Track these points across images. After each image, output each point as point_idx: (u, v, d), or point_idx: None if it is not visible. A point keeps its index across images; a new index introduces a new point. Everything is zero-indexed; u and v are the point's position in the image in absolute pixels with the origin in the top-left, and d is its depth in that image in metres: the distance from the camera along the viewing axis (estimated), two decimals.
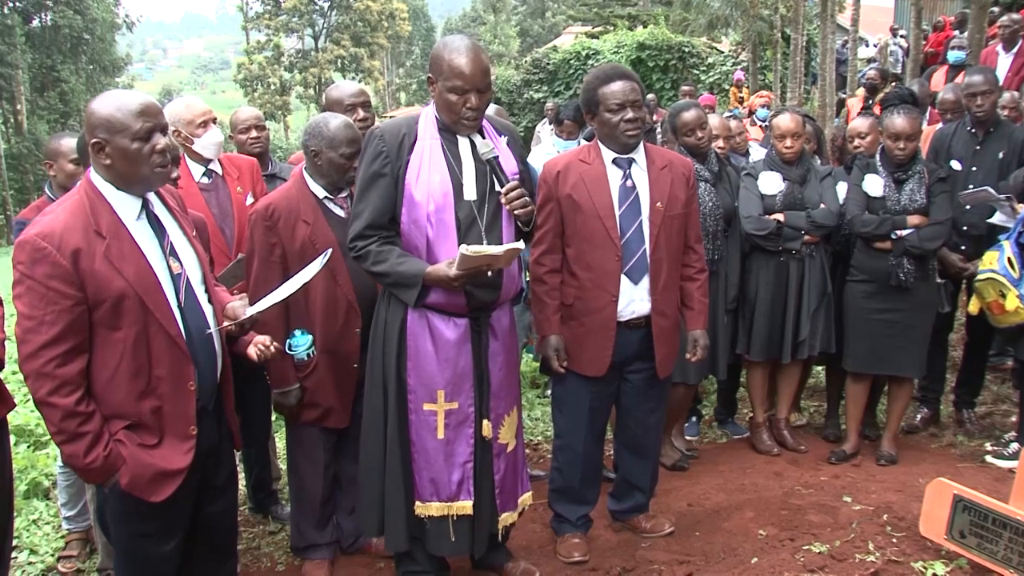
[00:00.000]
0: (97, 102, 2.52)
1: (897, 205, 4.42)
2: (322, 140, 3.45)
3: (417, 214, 3.06)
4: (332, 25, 53.92)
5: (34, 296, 2.39)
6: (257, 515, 4.29)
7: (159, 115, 2.56)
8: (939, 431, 5.18)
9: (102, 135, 2.46)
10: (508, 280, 3.21)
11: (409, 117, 3.21)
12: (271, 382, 3.58)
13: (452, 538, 3.22)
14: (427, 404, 3.16)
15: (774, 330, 4.76)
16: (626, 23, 27.91)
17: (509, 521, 3.39)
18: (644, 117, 3.50)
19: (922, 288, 4.48)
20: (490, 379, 3.24)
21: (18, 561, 3.91)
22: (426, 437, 3.18)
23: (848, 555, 3.44)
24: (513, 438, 3.37)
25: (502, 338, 3.29)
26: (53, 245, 2.39)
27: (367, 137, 3.21)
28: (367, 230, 3.10)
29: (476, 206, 3.11)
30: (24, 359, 2.42)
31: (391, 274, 3.08)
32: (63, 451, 2.53)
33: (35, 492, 4.67)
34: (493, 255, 2.91)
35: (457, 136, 3.13)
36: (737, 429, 5.34)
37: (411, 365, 3.16)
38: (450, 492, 3.19)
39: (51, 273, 2.38)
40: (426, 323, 3.14)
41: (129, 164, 2.49)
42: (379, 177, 3.09)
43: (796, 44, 16.29)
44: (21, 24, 38.40)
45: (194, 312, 2.64)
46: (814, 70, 17.80)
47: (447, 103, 3.04)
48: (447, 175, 3.07)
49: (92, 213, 2.47)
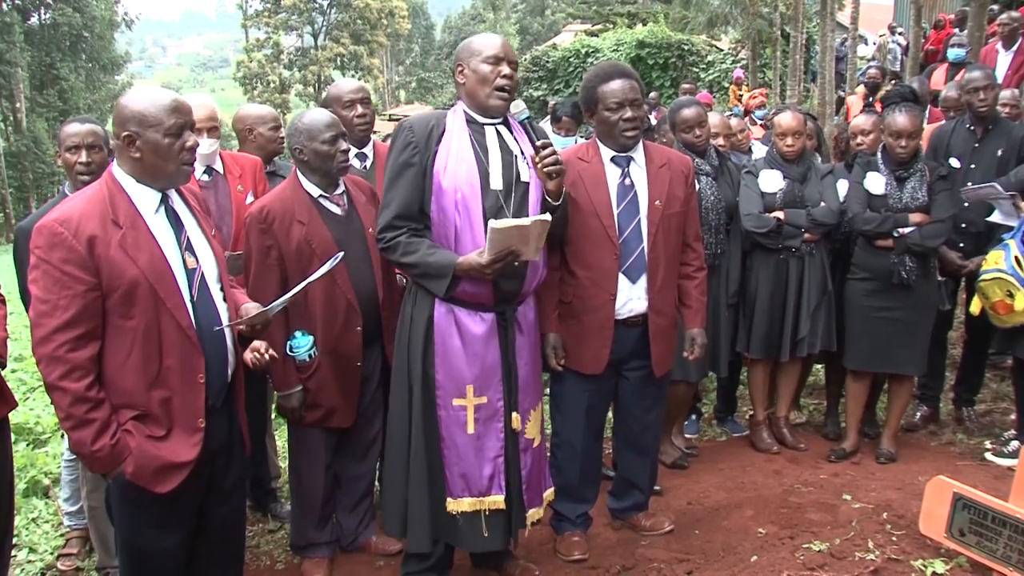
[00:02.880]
0: (129, 97, 2.58)
1: (899, 203, 4.41)
2: (301, 135, 3.45)
3: (445, 203, 3.07)
4: (331, 23, 53.90)
5: (49, 280, 2.43)
6: (256, 513, 4.28)
7: (190, 113, 2.62)
8: (938, 429, 5.18)
9: (133, 128, 2.51)
10: (532, 271, 3.21)
11: (439, 111, 3.24)
12: (274, 385, 3.57)
13: (485, 533, 3.21)
14: (456, 399, 3.16)
15: (774, 328, 4.76)
16: (626, 21, 27.92)
17: (536, 517, 3.39)
18: (643, 116, 3.50)
19: (923, 286, 4.48)
20: (517, 373, 3.25)
21: (17, 559, 3.91)
22: (456, 432, 3.17)
23: (848, 553, 3.44)
24: (538, 433, 3.39)
25: (528, 333, 3.30)
26: (70, 231, 2.43)
27: (396, 129, 3.23)
28: (396, 220, 3.10)
29: (502, 195, 3.11)
30: (37, 343, 2.46)
31: (420, 264, 3.07)
32: (71, 437, 2.55)
33: (34, 490, 4.67)
34: (522, 227, 2.91)
35: (484, 128, 3.15)
36: (737, 427, 5.33)
37: (439, 361, 3.16)
38: (481, 487, 3.18)
39: (66, 258, 2.42)
40: (453, 318, 3.14)
41: (159, 158, 2.54)
42: (408, 167, 3.09)
43: (796, 42, 16.28)
44: (20, 22, 38.41)
45: (207, 307, 2.65)
46: (814, 68, 17.78)
47: (480, 75, 3.09)
48: (474, 164, 3.08)
49: (111, 203, 2.52)
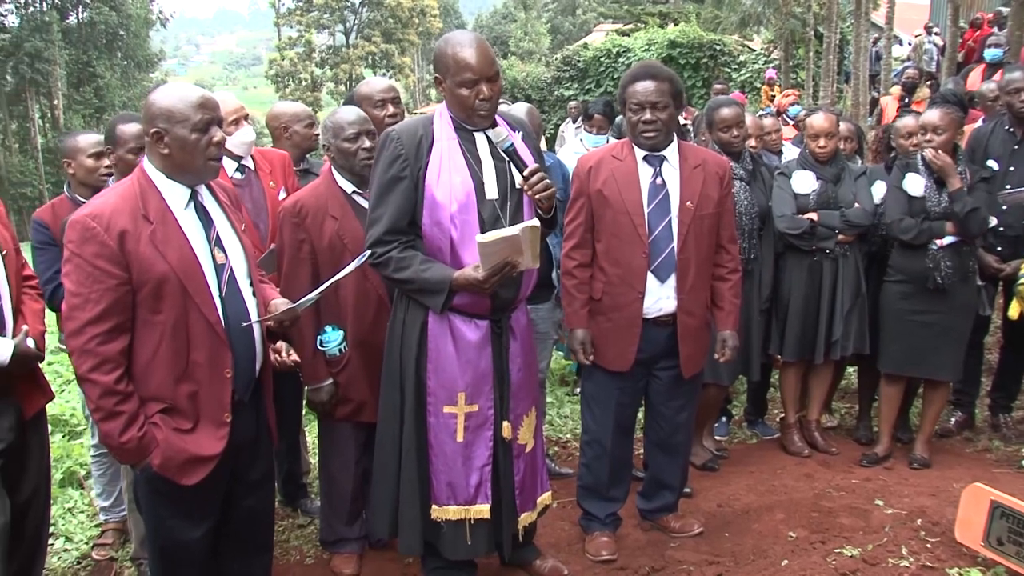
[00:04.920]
0: (157, 94, 2.61)
1: (937, 206, 4.35)
2: (329, 132, 3.50)
3: (440, 216, 3.02)
4: (363, 21, 54.20)
5: (81, 274, 2.48)
6: (287, 508, 4.31)
7: (217, 109, 2.65)
8: (974, 435, 5.11)
9: (162, 124, 2.55)
10: (527, 277, 3.18)
11: (423, 117, 3.17)
12: (304, 378, 3.59)
13: (468, 541, 3.20)
14: (447, 407, 3.13)
15: (807, 330, 4.72)
16: (657, 20, 27.75)
17: (528, 521, 3.37)
18: (665, 119, 3.45)
19: (961, 290, 4.42)
20: (510, 380, 3.22)
21: (54, 548, 3.97)
22: (445, 440, 3.15)
23: (881, 559, 3.40)
24: (532, 438, 3.36)
25: (521, 338, 3.28)
26: (101, 226, 2.48)
27: (382, 139, 3.15)
28: (386, 235, 3.04)
29: (498, 204, 3.08)
30: (68, 335, 2.51)
31: (415, 280, 3.03)
32: (100, 429, 2.60)
33: (69, 481, 4.75)
34: (510, 236, 2.85)
35: (474, 134, 3.10)
36: (767, 430, 5.30)
37: (431, 367, 3.13)
38: (467, 495, 3.16)
39: (98, 252, 2.47)
40: (447, 325, 3.11)
41: (186, 154, 2.58)
42: (398, 181, 3.04)
43: (829, 42, 16.17)
44: (58, 20, 38.98)
45: (235, 303, 2.69)
46: (847, 68, 17.64)
47: (459, 99, 3.01)
48: (468, 175, 3.04)
49: (142, 199, 2.56)
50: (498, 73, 3.03)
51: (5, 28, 38.57)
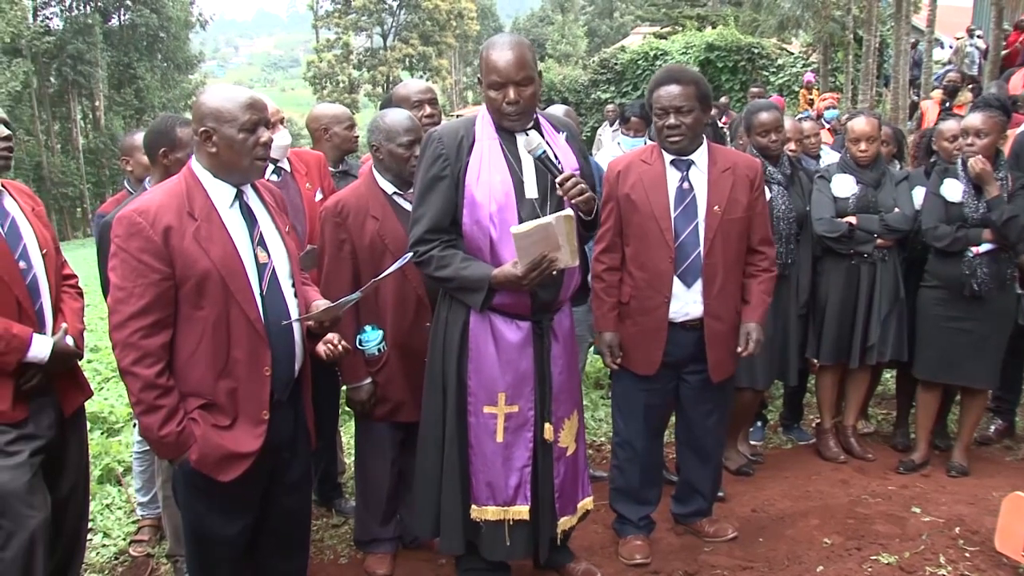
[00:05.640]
0: (207, 94, 2.67)
1: (975, 213, 4.29)
2: (380, 133, 3.51)
3: (479, 215, 3.05)
4: (401, 24, 54.57)
5: (127, 268, 2.53)
6: (322, 508, 4.34)
7: (264, 110, 2.70)
8: (1014, 444, 5.04)
9: (210, 124, 2.60)
10: (568, 278, 3.19)
11: (466, 119, 3.20)
12: (343, 377, 3.62)
13: (507, 543, 3.20)
14: (487, 407, 3.15)
15: (844, 334, 4.67)
16: (695, 24, 27.66)
17: (567, 526, 3.37)
18: (691, 123, 3.42)
19: (998, 298, 4.35)
20: (551, 382, 3.23)
21: (92, 543, 4.02)
22: (485, 440, 3.16)
23: (918, 567, 3.37)
24: (573, 442, 3.35)
25: (563, 341, 3.28)
26: (147, 221, 2.53)
27: (425, 140, 3.19)
28: (428, 234, 3.08)
29: (538, 204, 3.09)
30: (113, 328, 2.56)
31: (455, 279, 3.06)
32: (140, 422, 2.63)
33: (108, 478, 4.81)
34: (545, 226, 2.85)
35: (515, 135, 3.12)
36: (803, 435, 5.25)
37: (472, 367, 3.15)
38: (507, 496, 3.17)
39: (143, 247, 2.52)
40: (488, 325, 3.13)
41: (234, 153, 2.62)
42: (439, 180, 3.08)
43: (869, 46, 16.01)
44: (100, 23, 39.67)
45: (276, 302, 2.72)
46: (886, 72, 17.44)
47: (488, 101, 3.06)
48: (508, 175, 3.06)
49: (188, 196, 2.61)
50: (531, 78, 3.02)
51: (50, 31, 39.33)
